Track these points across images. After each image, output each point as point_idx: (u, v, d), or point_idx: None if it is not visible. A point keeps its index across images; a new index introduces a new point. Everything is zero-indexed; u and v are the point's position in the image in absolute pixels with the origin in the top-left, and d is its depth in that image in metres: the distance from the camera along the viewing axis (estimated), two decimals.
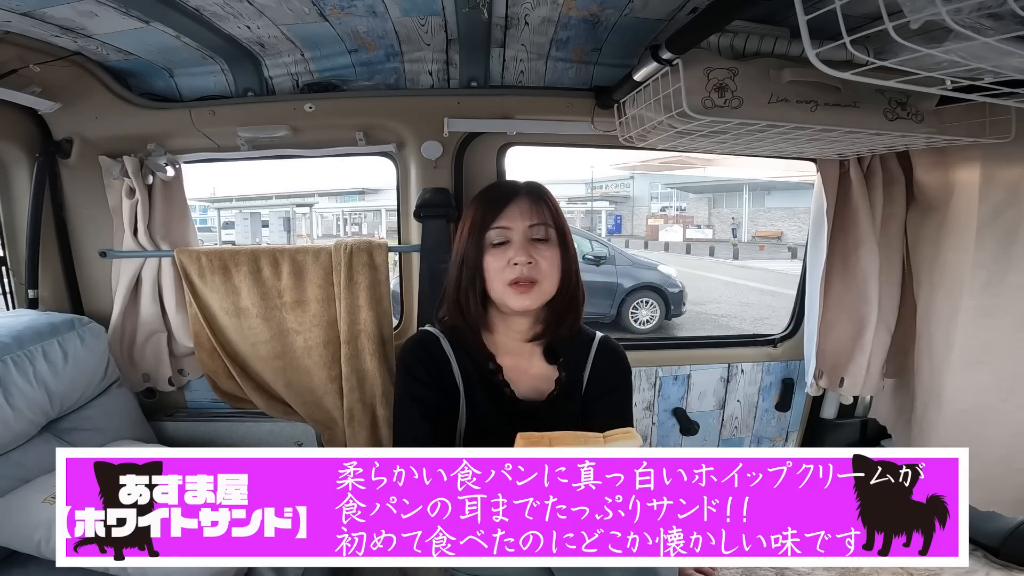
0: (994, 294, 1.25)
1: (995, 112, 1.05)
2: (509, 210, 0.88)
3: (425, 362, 0.93)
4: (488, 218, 0.88)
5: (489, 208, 0.89)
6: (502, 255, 0.88)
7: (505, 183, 0.96)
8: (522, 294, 0.87)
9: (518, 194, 0.91)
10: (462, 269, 0.91)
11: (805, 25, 0.65)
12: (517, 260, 0.86)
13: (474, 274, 0.89)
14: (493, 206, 0.89)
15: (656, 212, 25.87)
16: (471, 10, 1.06)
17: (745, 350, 1.79)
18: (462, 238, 0.92)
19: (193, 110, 1.38)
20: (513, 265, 0.87)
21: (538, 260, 0.87)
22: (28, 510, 1.01)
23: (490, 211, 0.89)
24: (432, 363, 0.93)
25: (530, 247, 0.88)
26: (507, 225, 0.88)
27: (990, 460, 1.31)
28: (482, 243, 0.88)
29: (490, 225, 0.88)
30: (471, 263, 0.89)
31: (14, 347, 1.16)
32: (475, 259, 0.89)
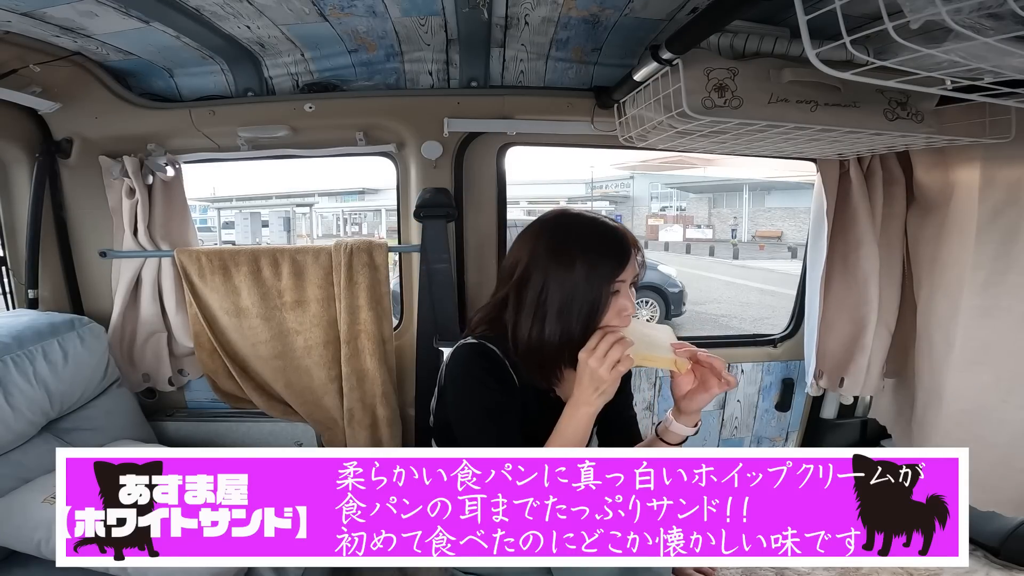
0: (994, 294, 1.25)
1: (995, 112, 1.05)
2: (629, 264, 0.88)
3: (493, 372, 0.91)
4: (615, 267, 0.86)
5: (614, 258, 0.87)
6: (615, 303, 0.87)
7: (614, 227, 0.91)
8: None
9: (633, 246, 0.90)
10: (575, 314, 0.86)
11: (805, 25, 0.65)
12: (629, 312, 0.88)
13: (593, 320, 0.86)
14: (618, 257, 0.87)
15: (656, 212, 25.87)
16: (471, 10, 1.06)
17: (745, 350, 1.79)
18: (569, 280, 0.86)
19: (193, 110, 1.38)
20: (625, 315, 0.88)
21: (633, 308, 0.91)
22: (28, 510, 1.01)
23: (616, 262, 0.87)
24: (499, 372, 0.91)
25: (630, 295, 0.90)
26: (625, 278, 0.88)
27: (990, 460, 1.31)
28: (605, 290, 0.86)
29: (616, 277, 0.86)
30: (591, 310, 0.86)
31: (14, 347, 1.16)
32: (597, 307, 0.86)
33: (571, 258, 0.86)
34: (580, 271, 0.85)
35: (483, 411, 0.89)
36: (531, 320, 0.88)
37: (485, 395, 0.89)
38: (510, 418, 0.89)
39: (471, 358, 0.92)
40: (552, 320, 0.86)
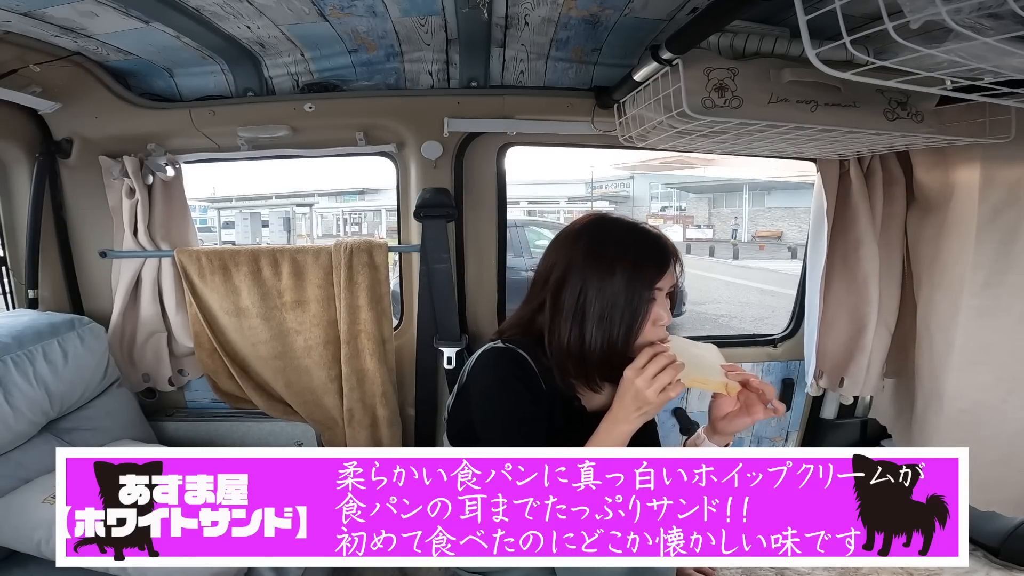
0: (994, 294, 1.25)
1: (995, 112, 1.05)
2: (668, 272, 0.87)
3: (524, 379, 0.90)
4: (654, 276, 0.86)
5: (655, 266, 0.86)
6: (652, 311, 0.87)
7: (655, 235, 0.90)
8: None
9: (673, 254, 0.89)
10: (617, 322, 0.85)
11: (805, 25, 0.65)
12: (664, 322, 0.88)
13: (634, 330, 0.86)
14: (658, 265, 0.87)
15: (656, 212, 25.87)
16: (471, 10, 1.06)
17: (745, 350, 1.79)
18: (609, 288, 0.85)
19: (193, 110, 1.38)
20: (659, 325, 0.87)
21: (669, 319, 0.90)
22: (28, 510, 1.01)
23: (656, 270, 0.86)
24: (529, 380, 0.90)
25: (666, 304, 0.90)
26: (662, 287, 0.87)
27: (990, 460, 1.31)
28: (646, 298, 0.86)
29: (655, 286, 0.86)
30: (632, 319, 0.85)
31: (14, 347, 1.15)
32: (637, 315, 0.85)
33: (611, 263, 0.85)
34: (620, 277, 0.84)
35: (510, 417, 0.88)
36: (570, 325, 0.87)
37: (513, 401, 0.88)
38: (537, 426, 0.88)
39: (501, 363, 0.91)
40: (592, 326, 0.85)
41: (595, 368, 0.88)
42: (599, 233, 0.90)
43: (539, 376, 0.90)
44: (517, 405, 0.88)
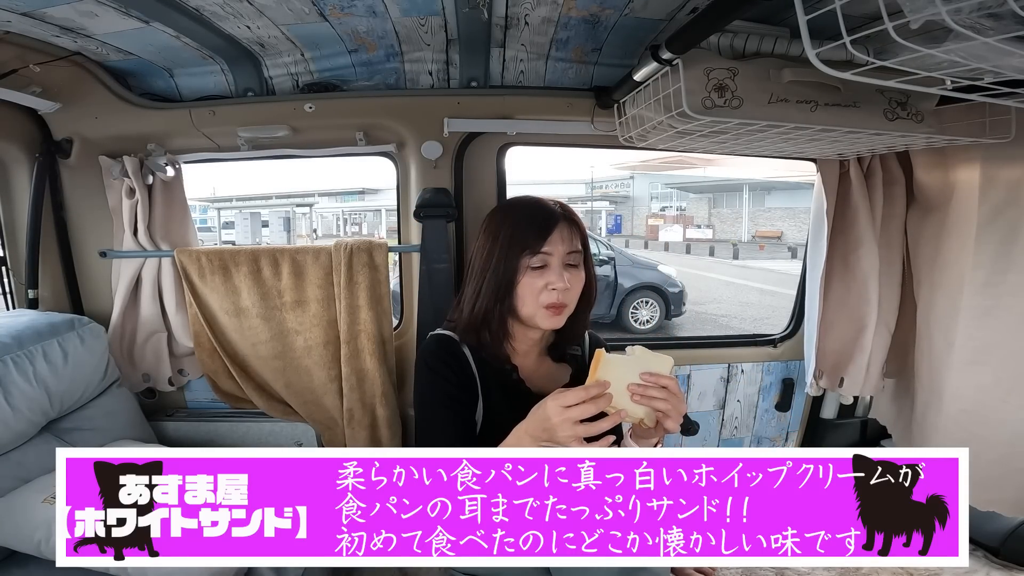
0: (994, 294, 1.25)
1: (995, 112, 1.05)
2: (552, 236, 0.90)
3: (449, 363, 0.95)
4: (531, 242, 0.90)
5: (532, 231, 0.91)
6: (539, 278, 0.90)
7: (543, 206, 0.95)
8: (554, 316, 0.92)
9: (558, 220, 0.93)
10: (490, 285, 0.92)
11: (805, 25, 0.65)
12: (556, 286, 0.90)
13: (506, 293, 0.91)
14: (536, 230, 0.91)
15: (656, 212, 25.88)
16: (471, 10, 1.06)
17: (745, 350, 1.79)
18: (490, 254, 0.92)
19: (193, 110, 1.38)
20: (551, 290, 0.90)
21: (572, 285, 0.92)
22: (28, 510, 1.01)
23: (533, 235, 0.90)
24: (455, 362, 0.96)
25: (565, 272, 0.91)
26: (549, 251, 0.90)
27: (990, 460, 1.31)
28: (518, 264, 0.90)
29: (534, 250, 0.90)
30: (503, 282, 0.91)
31: (14, 347, 1.16)
32: (509, 279, 0.91)
33: (496, 232, 0.93)
34: (502, 242, 0.91)
35: (434, 400, 0.94)
36: (466, 293, 0.95)
37: (437, 384, 0.94)
38: (460, 408, 0.94)
39: (429, 348, 0.98)
40: (478, 291, 0.93)
41: (485, 332, 0.93)
42: (499, 208, 0.99)
43: (468, 357, 0.95)
44: (440, 388, 0.94)
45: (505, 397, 0.97)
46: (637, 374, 0.80)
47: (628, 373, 0.80)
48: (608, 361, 0.81)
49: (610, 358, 0.81)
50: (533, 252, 0.90)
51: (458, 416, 0.94)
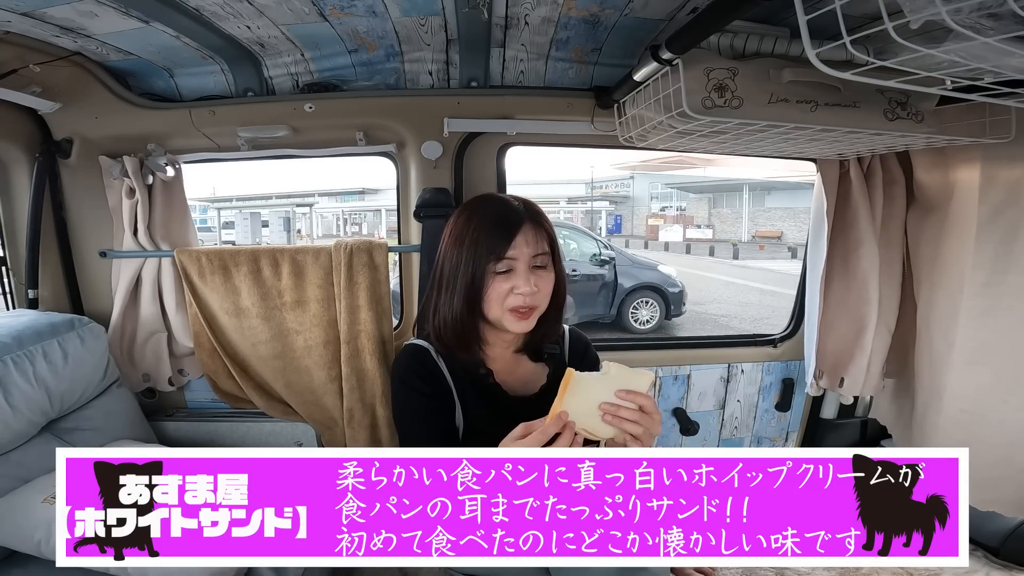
0: (994, 294, 1.25)
1: (995, 112, 1.05)
2: (516, 240, 0.88)
3: (420, 374, 0.94)
4: (495, 247, 0.87)
5: (496, 236, 0.88)
6: (505, 282, 0.88)
7: (506, 207, 0.91)
8: (521, 319, 0.90)
9: (522, 222, 0.89)
10: (459, 293, 0.89)
11: (805, 25, 0.65)
12: (522, 291, 0.87)
13: (475, 298, 0.89)
14: (500, 234, 0.87)
15: (656, 212, 25.88)
16: (471, 10, 1.06)
17: (745, 350, 1.79)
18: (457, 260, 0.89)
19: (193, 110, 1.38)
20: (517, 294, 0.88)
21: (539, 288, 0.89)
22: (28, 510, 1.01)
23: (497, 240, 0.87)
24: (427, 374, 0.94)
25: (531, 275, 0.89)
26: (514, 256, 0.88)
27: (990, 460, 1.31)
28: (485, 270, 0.88)
29: (499, 255, 0.87)
30: (471, 287, 0.88)
31: (14, 347, 1.16)
32: (477, 284, 0.88)
33: (461, 235, 0.90)
34: (467, 247, 0.88)
35: (411, 413, 0.93)
36: (432, 298, 0.93)
37: (412, 398, 0.93)
38: (436, 418, 0.93)
39: (402, 361, 0.97)
40: (445, 296, 0.91)
41: (451, 339, 0.91)
42: (463, 208, 0.94)
43: (440, 366, 0.94)
44: (415, 401, 0.92)
45: (482, 401, 0.96)
46: (611, 392, 0.77)
47: (601, 392, 0.77)
48: (578, 380, 0.77)
49: (580, 377, 0.77)
50: (498, 258, 0.87)
51: (435, 427, 0.92)
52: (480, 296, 0.89)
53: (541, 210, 0.95)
